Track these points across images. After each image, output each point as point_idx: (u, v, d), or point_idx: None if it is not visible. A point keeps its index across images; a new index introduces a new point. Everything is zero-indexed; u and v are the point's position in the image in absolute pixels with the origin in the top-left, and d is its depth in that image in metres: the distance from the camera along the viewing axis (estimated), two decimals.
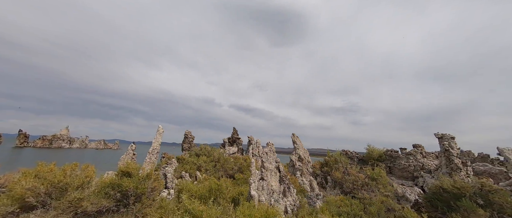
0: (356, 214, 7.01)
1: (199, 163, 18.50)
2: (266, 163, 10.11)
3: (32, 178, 8.46)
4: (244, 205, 5.82)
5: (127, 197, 8.75)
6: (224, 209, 4.83)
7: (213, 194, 6.15)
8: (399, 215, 7.60)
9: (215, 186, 6.33)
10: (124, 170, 9.23)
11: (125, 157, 14.41)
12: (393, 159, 15.76)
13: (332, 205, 8.03)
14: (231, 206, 5.55)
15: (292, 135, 17.94)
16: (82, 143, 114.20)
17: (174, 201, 12.28)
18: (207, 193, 6.10)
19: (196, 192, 5.99)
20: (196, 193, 5.95)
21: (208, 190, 6.23)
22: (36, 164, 9.32)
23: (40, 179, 8.66)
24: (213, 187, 6.27)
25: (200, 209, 4.09)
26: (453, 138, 11.71)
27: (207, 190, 6.29)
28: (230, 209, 5.58)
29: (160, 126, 15.70)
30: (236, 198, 6.35)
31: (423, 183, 12.77)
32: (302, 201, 8.43)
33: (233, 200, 6.41)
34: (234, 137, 46.52)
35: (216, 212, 4.17)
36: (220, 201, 6.06)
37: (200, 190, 6.13)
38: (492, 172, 11.41)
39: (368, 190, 11.42)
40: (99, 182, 9.59)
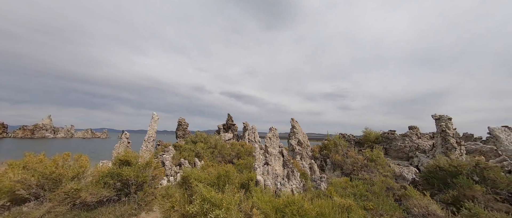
0: (362, 194, 7.21)
1: (197, 150, 18.33)
2: (269, 148, 10.05)
3: (20, 170, 7.91)
4: (256, 190, 5.74)
5: (128, 186, 8.49)
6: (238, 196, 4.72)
7: (222, 181, 6.02)
8: (402, 193, 7.92)
9: (223, 172, 6.17)
10: (123, 158, 8.84)
11: (119, 146, 13.89)
12: (390, 141, 16.38)
13: (338, 187, 8.20)
14: (242, 192, 5.44)
15: (291, 119, 17.94)
16: (68, 133, 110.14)
17: (176, 188, 12.18)
18: (216, 180, 5.95)
19: (206, 179, 5.82)
20: (206, 180, 5.78)
21: (216, 177, 6.07)
22: (23, 155, 8.69)
23: (30, 170, 8.12)
24: (222, 173, 6.11)
25: (220, 197, 3.91)
26: (450, 119, 12.15)
27: (215, 176, 6.13)
28: (241, 195, 5.48)
29: (155, 113, 15.07)
30: (245, 184, 6.27)
31: (418, 162, 13.47)
32: (308, 184, 8.56)
33: (243, 185, 6.32)
34: (229, 123, 46.33)
35: (235, 199, 4.01)
36: (229, 187, 5.94)
37: (209, 177, 5.96)
38: (483, 150, 12.14)
39: (368, 171, 11.88)
40: (95, 171, 9.19)
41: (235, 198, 4.03)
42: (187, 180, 7.28)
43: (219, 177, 6.11)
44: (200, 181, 5.82)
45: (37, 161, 8.62)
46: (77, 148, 51.49)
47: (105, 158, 19.83)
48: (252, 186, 6.02)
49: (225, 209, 3.64)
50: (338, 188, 8.03)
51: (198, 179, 5.88)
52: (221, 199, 3.91)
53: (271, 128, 11.66)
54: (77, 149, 48.66)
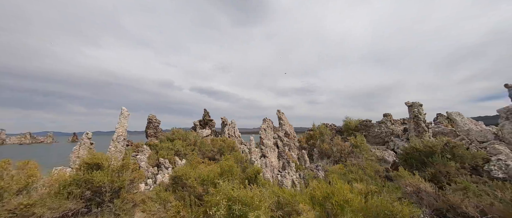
0: (362, 178, 7.47)
1: (176, 148, 16.81)
2: (264, 139, 9.69)
3: None
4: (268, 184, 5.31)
5: (100, 194, 7.09)
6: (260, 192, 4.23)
7: (227, 176, 5.39)
8: (395, 174, 8.50)
9: (227, 167, 5.54)
10: (91, 161, 7.32)
11: (80, 149, 11.68)
12: (368, 128, 17.84)
13: (336, 173, 8.34)
14: (256, 187, 4.95)
15: (278, 111, 17.88)
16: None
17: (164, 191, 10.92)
18: (219, 176, 5.29)
19: (208, 176, 5.10)
20: (208, 177, 5.07)
21: (219, 173, 5.41)
22: None
23: None
24: (226, 169, 5.48)
25: (249, 195, 3.33)
26: (421, 105, 13.76)
27: (218, 173, 5.46)
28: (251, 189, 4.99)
29: (125, 109, 13.11)
30: (251, 178, 5.77)
31: (394, 146, 15.01)
32: (307, 174, 8.52)
33: (249, 180, 5.81)
34: (206, 119, 44.38)
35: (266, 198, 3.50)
36: (234, 183, 5.36)
37: (210, 174, 5.26)
38: (445, 132, 14.16)
39: (354, 157, 12.65)
40: (50, 181, 7.42)
41: (264, 195, 3.52)
42: (180, 180, 6.39)
43: (223, 173, 5.46)
44: (202, 179, 5.08)
45: None
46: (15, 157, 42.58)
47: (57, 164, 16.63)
48: (260, 180, 5.58)
49: (259, 209, 3.10)
50: (336, 174, 8.16)
51: (200, 177, 5.12)
52: (251, 196, 3.35)
53: (265, 119, 11.27)
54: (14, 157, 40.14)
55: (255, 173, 5.82)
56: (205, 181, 4.99)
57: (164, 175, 12.21)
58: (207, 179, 5.03)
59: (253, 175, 5.77)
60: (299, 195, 3.99)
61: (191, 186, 5.09)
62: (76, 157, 11.55)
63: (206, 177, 5.05)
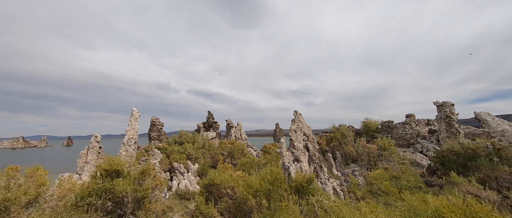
0: (415, 186, 6.75)
1: (187, 151, 16.03)
2: (295, 142, 8.96)
3: None
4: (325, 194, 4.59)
5: (121, 206, 6.31)
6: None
7: (276, 185, 4.66)
8: (447, 180, 7.78)
9: (274, 175, 4.81)
10: (110, 168, 6.55)
11: (87, 153, 10.88)
12: (390, 129, 17.20)
13: (379, 180, 7.61)
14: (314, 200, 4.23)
15: (295, 112, 17.17)
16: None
17: (173, 199, 10.10)
18: (270, 186, 4.55)
19: (261, 186, 4.35)
20: (261, 188, 4.33)
21: (270, 182, 4.67)
22: None
23: None
24: (276, 176, 4.74)
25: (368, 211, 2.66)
26: (452, 105, 13.16)
27: (268, 182, 4.73)
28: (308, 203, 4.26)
29: (135, 110, 12.36)
30: (301, 188, 5.04)
31: (422, 148, 14.36)
32: (352, 180, 7.78)
33: (297, 191, 5.08)
34: (210, 122, 43.58)
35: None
36: (282, 193, 4.63)
37: (262, 183, 4.52)
38: (476, 133, 13.53)
39: (385, 160, 11.97)
40: (63, 191, 6.63)
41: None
42: (217, 188, 5.63)
43: (273, 182, 4.73)
44: (256, 189, 4.34)
45: None
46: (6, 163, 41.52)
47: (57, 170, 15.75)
48: (316, 190, 4.85)
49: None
50: (381, 180, 7.41)
51: (251, 187, 4.38)
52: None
53: (294, 119, 10.54)
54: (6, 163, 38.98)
55: (308, 181, 5.09)
56: (258, 192, 4.25)
57: (180, 181, 11.43)
58: (260, 190, 4.30)
59: (305, 184, 5.04)
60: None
61: (240, 197, 4.35)
62: (84, 162, 10.75)
63: (259, 187, 4.31)
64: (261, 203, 4.28)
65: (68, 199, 6.24)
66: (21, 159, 46.26)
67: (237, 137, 37.87)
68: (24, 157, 51.91)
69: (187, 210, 9.84)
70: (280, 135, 45.47)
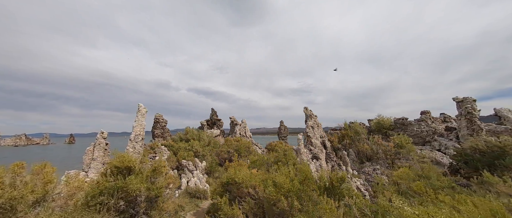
0: (448, 186, 6.30)
1: (194, 148, 15.69)
2: (313, 138, 8.53)
3: None
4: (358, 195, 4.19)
5: (134, 205, 5.96)
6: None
7: (305, 185, 4.25)
8: (480, 180, 7.32)
9: (304, 175, 4.40)
10: (121, 165, 6.19)
11: (93, 150, 10.57)
12: (405, 127, 16.71)
13: (405, 179, 7.16)
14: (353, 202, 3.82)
15: (305, 108, 16.70)
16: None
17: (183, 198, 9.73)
18: (301, 186, 4.14)
19: (293, 186, 3.95)
20: (293, 187, 3.93)
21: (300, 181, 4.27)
22: None
23: None
24: (302, 176, 4.33)
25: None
26: (474, 100, 12.61)
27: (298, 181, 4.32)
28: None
29: (142, 105, 12.00)
30: (332, 188, 4.63)
31: (439, 146, 13.87)
32: (376, 179, 7.35)
33: (327, 190, 4.67)
34: (213, 119, 43.27)
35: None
36: (311, 194, 4.22)
37: (294, 183, 4.12)
38: (498, 130, 13.00)
39: (403, 159, 11.52)
40: (71, 189, 6.30)
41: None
42: (238, 187, 5.24)
43: (303, 182, 4.32)
44: (287, 189, 3.94)
45: None
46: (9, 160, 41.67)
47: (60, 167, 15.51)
48: (351, 191, 4.44)
49: None
50: (406, 180, 6.97)
51: (281, 187, 3.97)
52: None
53: (311, 114, 10.09)
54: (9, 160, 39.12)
55: (340, 180, 4.67)
56: (290, 192, 3.84)
57: (189, 179, 11.09)
58: (292, 190, 3.89)
59: (336, 183, 4.62)
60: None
61: (268, 197, 3.95)
62: (90, 159, 10.45)
63: (291, 187, 3.90)
64: (292, 204, 3.88)
65: (78, 198, 5.91)
66: (24, 157, 46.45)
67: (242, 134, 37.48)
68: (27, 154, 52.20)
69: (199, 209, 9.50)
70: (285, 133, 45.05)
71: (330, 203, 3.86)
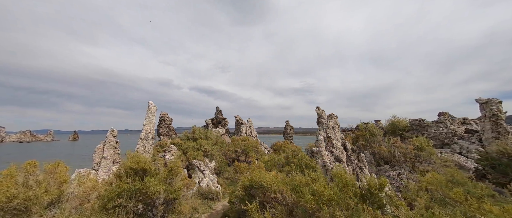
0: (488, 194, 5.87)
1: (204, 148, 15.44)
2: (334, 140, 8.15)
3: None
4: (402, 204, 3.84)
5: (152, 208, 5.70)
6: None
7: (344, 192, 3.90)
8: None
9: (343, 179, 4.05)
10: (136, 166, 5.93)
11: (103, 148, 10.37)
12: (422, 128, 16.20)
13: (435, 185, 6.73)
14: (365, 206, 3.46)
15: (317, 108, 16.26)
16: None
17: (196, 199, 9.48)
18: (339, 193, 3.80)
19: (334, 195, 3.60)
20: (334, 196, 3.59)
21: (340, 187, 3.92)
22: None
23: None
24: (341, 182, 3.98)
25: None
26: (500, 102, 12.05)
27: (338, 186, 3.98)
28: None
29: (152, 103, 11.77)
30: (370, 195, 4.27)
31: (461, 149, 13.36)
32: (407, 185, 6.95)
33: (363, 197, 4.32)
34: (218, 118, 43.04)
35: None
36: (349, 202, 3.87)
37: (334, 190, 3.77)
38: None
39: (425, 162, 11.07)
40: (87, 189, 6.07)
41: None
42: (264, 191, 4.91)
43: (343, 188, 3.97)
44: (329, 198, 3.60)
45: None
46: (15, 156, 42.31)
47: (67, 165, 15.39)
48: (390, 199, 4.08)
49: None
50: (440, 187, 6.55)
51: (320, 193, 3.63)
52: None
53: (331, 115, 9.73)
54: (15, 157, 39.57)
55: (379, 187, 4.31)
56: (332, 201, 3.48)
57: (201, 179, 10.83)
58: (334, 198, 3.53)
59: (375, 190, 4.26)
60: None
61: (306, 206, 3.60)
62: (100, 157, 10.26)
63: (333, 196, 3.53)
64: (334, 214, 3.54)
65: (94, 200, 5.67)
66: (30, 153, 47.03)
67: (248, 134, 37.24)
68: (33, 151, 52.88)
69: (212, 212, 9.23)
70: (291, 133, 44.65)
71: (371, 212, 3.51)
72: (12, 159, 7.00)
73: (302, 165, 12.25)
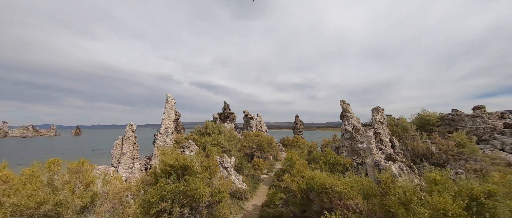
0: None
1: (221, 143, 14.85)
2: (382, 136, 7.43)
3: None
4: None
5: (196, 212, 5.09)
6: None
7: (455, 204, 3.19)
8: None
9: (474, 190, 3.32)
10: (175, 163, 5.29)
11: (122, 143, 9.79)
12: (455, 123, 15.37)
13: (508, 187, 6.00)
14: None
15: (342, 102, 15.52)
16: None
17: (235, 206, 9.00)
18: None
19: (449, 206, 2.92)
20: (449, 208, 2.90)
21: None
22: None
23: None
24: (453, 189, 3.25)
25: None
26: None
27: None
28: None
29: (170, 96, 11.10)
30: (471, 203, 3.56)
31: (502, 145, 12.56)
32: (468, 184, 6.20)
33: (468, 208, 3.60)
34: (226, 113, 42.39)
35: None
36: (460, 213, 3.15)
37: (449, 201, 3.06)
38: None
39: (471, 160, 10.33)
40: (118, 189, 5.47)
41: None
42: (328, 196, 4.24)
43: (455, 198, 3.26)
44: (442, 209, 2.89)
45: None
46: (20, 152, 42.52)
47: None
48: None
49: None
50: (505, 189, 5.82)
51: (438, 208, 2.92)
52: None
53: (377, 108, 8.95)
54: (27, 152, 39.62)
55: (490, 194, 3.56)
56: (456, 216, 2.76)
57: (225, 176, 10.25)
58: (457, 214, 2.82)
59: (487, 201, 3.52)
60: None
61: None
62: (119, 153, 9.70)
63: (456, 210, 2.81)
64: None
65: (128, 202, 5.06)
66: (36, 148, 47.22)
67: (259, 129, 36.70)
68: (38, 146, 53.14)
69: (245, 213, 8.67)
70: (301, 128, 43.97)
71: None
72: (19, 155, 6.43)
73: (331, 163, 11.58)
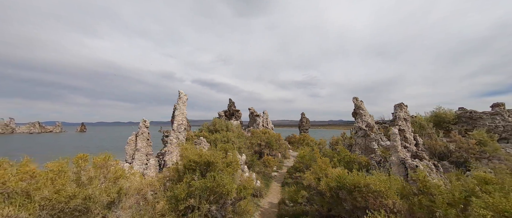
0: None
1: (231, 140, 14.84)
2: (407, 133, 7.25)
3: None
4: None
5: (222, 209, 5.05)
6: None
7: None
8: None
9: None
10: (199, 159, 5.26)
11: (136, 139, 9.83)
12: (473, 121, 15.01)
13: None
14: None
15: (355, 99, 15.28)
16: (6, 128, 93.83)
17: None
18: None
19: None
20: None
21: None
22: None
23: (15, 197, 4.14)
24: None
25: None
26: None
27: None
28: None
29: (182, 92, 11.08)
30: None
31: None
32: None
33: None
34: (231, 110, 42.41)
35: None
36: None
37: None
38: None
39: (495, 159, 10.08)
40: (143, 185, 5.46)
41: None
42: (362, 195, 4.13)
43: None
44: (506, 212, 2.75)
45: (20, 175, 4.60)
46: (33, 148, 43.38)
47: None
48: None
49: None
50: None
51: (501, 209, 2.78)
52: None
53: (400, 104, 8.76)
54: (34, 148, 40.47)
55: None
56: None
57: (240, 174, 10.23)
58: None
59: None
60: None
61: None
62: (133, 150, 9.74)
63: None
64: None
65: (153, 198, 5.05)
66: (44, 145, 48.14)
67: (265, 126, 36.67)
68: (46, 142, 54.18)
69: (262, 210, 8.64)
70: (307, 125, 43.76)
71: None
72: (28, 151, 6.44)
73: (346, 161, 11.43)
